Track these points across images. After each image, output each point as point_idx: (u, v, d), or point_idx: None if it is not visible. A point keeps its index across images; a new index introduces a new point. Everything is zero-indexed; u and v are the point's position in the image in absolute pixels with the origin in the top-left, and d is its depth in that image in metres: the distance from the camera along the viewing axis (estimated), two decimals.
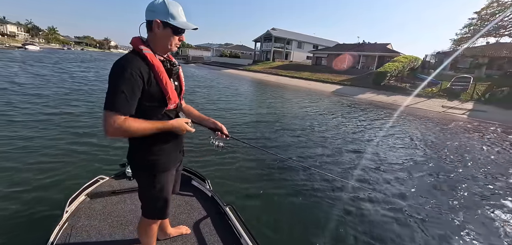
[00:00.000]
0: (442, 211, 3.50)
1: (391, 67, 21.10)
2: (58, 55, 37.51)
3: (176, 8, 1.20)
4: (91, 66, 24.23)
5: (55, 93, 9.08)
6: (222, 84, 19.80)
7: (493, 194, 4.20)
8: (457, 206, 3.69)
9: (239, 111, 9.57)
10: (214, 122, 1.55)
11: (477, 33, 18.15)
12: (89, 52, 73.33)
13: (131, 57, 1.15)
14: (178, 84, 1.38)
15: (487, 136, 8.99)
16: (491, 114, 13.64)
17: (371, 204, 3.49)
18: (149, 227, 1.48)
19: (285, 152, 5.45)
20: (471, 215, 3.48)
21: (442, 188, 4.31)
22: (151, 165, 1.31)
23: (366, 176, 4.50)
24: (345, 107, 13.58)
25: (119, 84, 1.08)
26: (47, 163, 3.75)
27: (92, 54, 58.88)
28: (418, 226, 3.09)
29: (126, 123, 1.11)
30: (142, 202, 1.42)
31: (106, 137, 1.13)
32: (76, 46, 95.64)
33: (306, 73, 30.31)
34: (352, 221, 3.06)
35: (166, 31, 1.21)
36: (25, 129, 5.00)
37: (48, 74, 14.46)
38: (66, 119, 6.08)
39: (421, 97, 17.68)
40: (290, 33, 50.52)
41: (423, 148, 6.67)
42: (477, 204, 3.83)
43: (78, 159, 3.99)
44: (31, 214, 2.62)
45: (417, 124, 10.37)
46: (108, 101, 1.09)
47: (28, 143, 4.37)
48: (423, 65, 25.95)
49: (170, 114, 1.31)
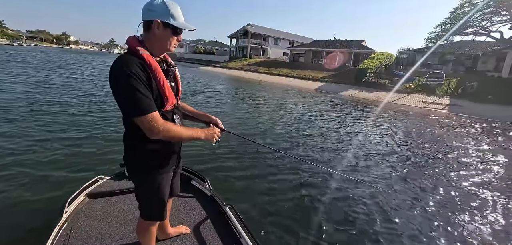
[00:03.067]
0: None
1: (371, 64, 21.46)
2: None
3: (175, 8, 1.19)
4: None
5: (55, 93, 8.84)
6: (206, 84, 18.49)
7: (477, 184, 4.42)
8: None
9: (230, 113, 8.69)
10: (209, 116, 1.56)
11: (448, 31, 19.12)
12: (45, 48, 65.81)
13: (128, 58, 1.11)
14: (174, 85, 1.36)
15: (470, 131, 9.17)
16: (467, 108, 14.28)
17: (376, 202, 3.49)
18: (147, 229, 1.46)
19: (285, 149, 5.42)
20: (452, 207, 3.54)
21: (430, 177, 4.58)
22: (146, 167, 1.29)
23: (371, 173, 4.53)
24: (335, 105, 13.30)
25: (135, 88, 1.06)
26: (46, 163, 3.70)
27: (48, 51, 52.74)
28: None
29: (167, 124, 1.15)
30: (139, 204, 1.40)
31: (153, 138, 1.13)
32: (29, 41, 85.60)
33: (286, 70, 29.94)
34: (356, 221, 3.05)
35: (166, 32, 1.19)
36: (24, 129, 4.88)
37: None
38: (65, 119, 5.93)
39: (401, 93, 18.15)
40: (267, 29, 49.99)
41: (421, 144, 6.69)
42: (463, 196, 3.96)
43: (78, 159, 3.93)
44: (30, 214, 2.61)
45: (407, 120, 10.36)
46: (136, 107, 1.07)
47: (27, 143, 4.27)
48: (397, 62, 27.00)
49: (167, 115, 1.27)
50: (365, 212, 3.23)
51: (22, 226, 2.44)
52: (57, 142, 4.49)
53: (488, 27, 18.56)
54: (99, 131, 5.28)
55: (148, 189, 1.33)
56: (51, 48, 74.03)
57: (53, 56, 32.19)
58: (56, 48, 77.17)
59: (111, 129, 5.47)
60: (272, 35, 48.94)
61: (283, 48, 48.53)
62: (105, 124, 5.81)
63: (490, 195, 3.99)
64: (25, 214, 2.60)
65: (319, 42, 40.02)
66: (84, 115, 6.40)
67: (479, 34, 20.03)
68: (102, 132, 5.24)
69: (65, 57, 33.01)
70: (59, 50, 59.86)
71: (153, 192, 1.34)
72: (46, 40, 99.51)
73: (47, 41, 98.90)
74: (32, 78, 11.82)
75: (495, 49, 20.39)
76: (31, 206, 2.73)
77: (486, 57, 24.60)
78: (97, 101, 8.24)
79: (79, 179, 3.09)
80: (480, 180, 4.60)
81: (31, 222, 2.50)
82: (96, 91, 10.14)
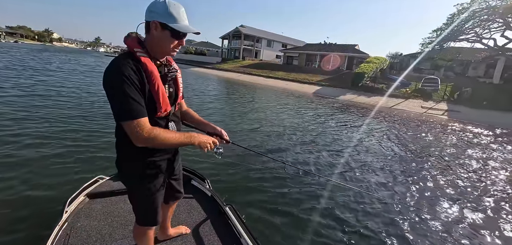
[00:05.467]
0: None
1: (368, 68, 21.38)
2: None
3: (177, 9, 1.11)
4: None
5: (56, 93, 8.77)
6: (203, 88, 17.70)
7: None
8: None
9: (229, 118, 8.07)
10: (214, 127, 1.48)
11: (444, 37, 19.31)
12: (25, 45, 62.51)
13: (123, 61, 1.07)
14: (173, 90, 1.31)
15: (481, 140, 8.95)
16: (466, 114, 14.28)
17: (377, 208, 3.47)
18: (144, 233, 1.42)
19: (288, 157, 5.29)
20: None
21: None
22: (137, 173, 1.25)
23: (372, 180, 4.47)
24: (336, 110, 12.92)
25: (124, 91, 1.03)
26: (46, 163, 3.67)
27: (29, 48, 49.94)
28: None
29: (154, 130, 1.10)
30: (133, 208, 1.37)
31: (138, 145, 1.09)
32: (8, 37, 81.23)
33: (281, 73, 29.51)
34: (354, 222, 3.07)
35: (164, 34, 1.12)
36: (23, 130, 4.83)
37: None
38: (65, 119, 5.85)
39: (398, 98, 18.08)
40: (260, 31, 49.58)
41: (439, 155, 6.22)
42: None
43: (78, 159, 3.91)
44: (30, 214, 2.58)
45: (409, 127, 10.07)
46: (123, 111, 1.04)
47: (27, 143, 4.23)
48: (391, 66, 27.18)
49: (160, 121, 1.22)
50: (364, 215, 3.26)
51: (22, 226, 2.42)
52: (57, 142, 4.44)
53: (481, 34, 18.83)
54: (99, 131, 5.29)
55: (140, 196, 1.30)
56: (33, 44, 70.47)
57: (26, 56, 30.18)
58: (38, 45, 73.52)
59: (111, 129, 5.19)
60: (265, 37, 48.57)
61: (276, 50, 48.27)
62: (105, 124, 5.77)
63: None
64: (25, 214, 2.59)
65: (313, 45, 39.93)
66: (85, 115, 6.38)
67: (471, 41, 20.34)
68: (103, 132, 5.22)
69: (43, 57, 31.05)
70: (42, 47, 57.02)
71: (145, 199, 1.31)
72: (27, 36, 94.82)
73: (28, 37, 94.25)
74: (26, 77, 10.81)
75: (488, 56, 20.76)
76: (31, 206, 2.72)
77: (476, 63, 25.18)
78: (97, 101, 8.19)
79: (79, 179, 3.04)
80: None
81: (31, 222, 2.49)
82: (95, 92, 9.95)
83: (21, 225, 2.43)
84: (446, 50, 22.54)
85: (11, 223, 2.46)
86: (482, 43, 19.69)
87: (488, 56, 21.06)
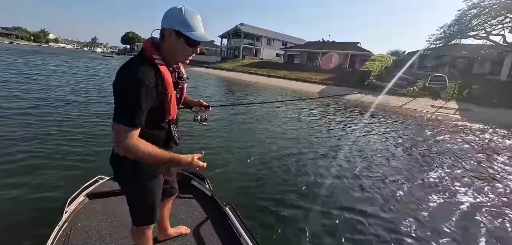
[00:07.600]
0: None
1: (373, 66, 20.92)
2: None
3: (193, 17, 1.10)
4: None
5: (57, 93, 8.80)
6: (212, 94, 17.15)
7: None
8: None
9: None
10: (191, 100, 1.59)
11: (451, 34, 18.89)
12: (20, 46, 61.47)
13: (144, 67, 1.05)
14: (179, 96, 1.33)
15: (505, 142, 8.50)
16: (478, 113, 13.81)
17: (384, 210, 3.38)
18: (142, 232, 1.40)
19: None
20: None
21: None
22: (132, 176, 1.23)
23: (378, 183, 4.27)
24: (345, 109, 12.44)
25: (138, 99, 1.01)
26: (46, 163, 3.65)
27: (24, 49, 48.97)
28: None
29: (137, 146, 1.05)
30: (129, 210, 1.35)
31: (117, 151, 1.08)
32: (3, 38, 80.00)
33: (283, 72, 28.93)
34: (357, 222, 3.03)
35: (179, 41, 1.11)
36: (23, 130, 4.84)
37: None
38: (66, 119, 5.92)
39: (406, 96, 17.64)
40: (260, 29, 48.94)
41: (475, 162, 5.73)
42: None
43: (78, 159, 3.90)
44: (30, 215, 2.59)
45: (431, 130, 9.60)
46: (127, 116, 1.01)
47: (27, 143, 4.24)
48: (396, 64, 26.74)
49: (163, 125, 1.24)
50: (370, 215, 3.21)
51: (22, 226, 2.42)
52: (57, 142, 4.43)
53: (491, 31, 18.40)
54: (99, 131, 5.29)
55: (137, 197, 1.30)
56: (29, 45, 69.34)
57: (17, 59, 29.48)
58: (33, 45, 72.40)
59: (111, 129, 4.59)
60: (265, 35, 47.97)
61: (277, 49, 47.69)
62: (105, 124, 5.75)
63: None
64: (25, 214, 2.59)
65: (314, 43, 39.41)
66: (85, 115, 6.39)
67: (478, 37, 19.94)
68: (103, 132, 5.21)
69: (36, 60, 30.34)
70: (38, 47, 56.01)
71: (142, 200, 1.30)
72: (23, 37, 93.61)
73: (24, 38, 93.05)
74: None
75: (497, 52, 20.35)
76: (31, 206, 2.72)
77: (482, 60, 24.78)
78: (97, 101, 8.17)
79: (79, 179, 2.98)
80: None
81: (31, 222, 2.48)
82: (96, 91, 10.00)
83: (21, 225, 2.44)
84: (452, 47, 22.15)
85: (11, 223, 2.47)
86: (490, 40, 19.31)
87: (498, 52, 20.61)
